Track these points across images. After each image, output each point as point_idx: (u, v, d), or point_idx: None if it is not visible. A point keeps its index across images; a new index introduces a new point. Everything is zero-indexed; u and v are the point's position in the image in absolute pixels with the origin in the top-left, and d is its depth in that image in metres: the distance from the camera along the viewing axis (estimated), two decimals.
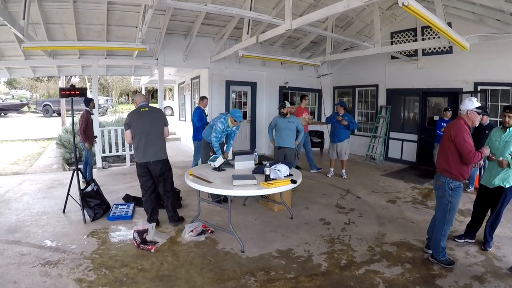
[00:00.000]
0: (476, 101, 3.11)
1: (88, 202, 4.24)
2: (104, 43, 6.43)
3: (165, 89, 23.22)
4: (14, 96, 28.58)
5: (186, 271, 3.04)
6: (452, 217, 3.19)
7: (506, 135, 3.48)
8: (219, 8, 4.92)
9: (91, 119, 5.85)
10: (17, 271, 2.96)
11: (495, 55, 6.24)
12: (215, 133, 4.63)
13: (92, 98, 6.11)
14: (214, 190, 3.54)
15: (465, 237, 3.75)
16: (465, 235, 3.76)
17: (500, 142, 3.49)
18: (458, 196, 3.12)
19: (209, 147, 4.85)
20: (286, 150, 5.48)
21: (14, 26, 4.76)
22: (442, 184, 3.15)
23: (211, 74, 8.15)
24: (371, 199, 5.37)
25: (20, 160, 8.48)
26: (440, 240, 3.18)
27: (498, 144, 3.51)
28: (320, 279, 2.95)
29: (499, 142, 3.50)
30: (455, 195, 3.11)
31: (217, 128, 4.63)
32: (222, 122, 4.66)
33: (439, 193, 3.21)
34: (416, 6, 3.53)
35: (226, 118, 4.68)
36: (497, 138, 3.56)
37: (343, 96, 10.43)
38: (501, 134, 3.54)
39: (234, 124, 4.68)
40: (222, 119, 4.70)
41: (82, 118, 5.63)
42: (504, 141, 3.46)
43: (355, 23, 7.87)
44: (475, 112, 3.08)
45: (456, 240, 3.74)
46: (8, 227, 3.93)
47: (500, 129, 3.59)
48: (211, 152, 4.61)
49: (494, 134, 3.64)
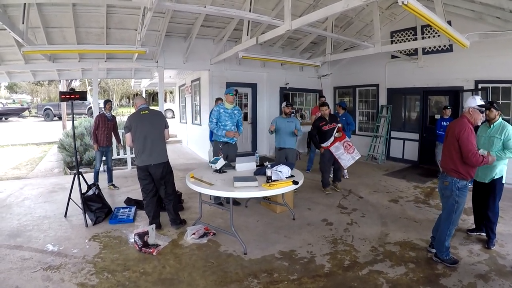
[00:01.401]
0: (479, 99, 3.10)
1: (90, 206, 4.24)
2: (104, 46, 6.43)
3: (166, 91, 23.24)
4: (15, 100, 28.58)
5: (189, 274, 3.03)
6: (457, 217, 3.17)
7: (491, 130, 3.58)
8: (219, 9, 4.92)
9: (105, 121, 5.62)
10: (19, 276, 2.95)
11: (496, 53, 6.22)
12: (210, 117, 4.85)
13: (109, 100, 6.06)
14: (216, 192, 3.53)
15: (478, 231, 3.83)
16: (477, 229, 3.85)
17: (486, 138, 3.59)
18: (464, 196, 3.10)
19: (217, 148, 4.83)
20: (288, 151, 5.45)
21: (13, 30, 4.77)
22: (449, 185, 3.12)
23: (211, 76, 8.14)
24: (374, 199, 5.35)
25: (21, 165, 8.49)
26: (445, 239, 3.16)
27: (483, 140, 3.60)
28: (324, 280, 2.93)
29: (484, 138, 3.61)
30: (462, 195, 3.08)
31: (213, 113, 4.81)
32: (216, 110, 4.82)
33: (446, 193, 3.18)
34: (415, 5, 3.52)
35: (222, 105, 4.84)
36: (482, 133, 3.66)
37: (344, 96, 10.41)
38: (486, 129, 3.63)
39: (230, 101, 4.77)
40: (216, 107, 4.90)
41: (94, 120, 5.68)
42: (489, 136, 3.56)
43: (354, 23, 7.86)
44: (477, 110, 3.07)
45: (469, 233, 3.87)
46: (9, 232, 3.92)
47: (486, 125, 3.65)
48: (220, 153, 4.60)
49: (480, 130, 3.71)
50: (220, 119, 4.75)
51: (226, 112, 4.77)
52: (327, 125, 5.45)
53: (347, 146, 5.48)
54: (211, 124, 4.79)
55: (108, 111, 5.76)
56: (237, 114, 4.89)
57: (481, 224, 3.77)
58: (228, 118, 4.77)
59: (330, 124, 5.45)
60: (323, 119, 5.52)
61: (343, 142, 5.49)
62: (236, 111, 4.88)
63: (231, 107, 4.80)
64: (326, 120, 5.47)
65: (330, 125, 5.44)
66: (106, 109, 5.74)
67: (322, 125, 5.47)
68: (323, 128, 5.46)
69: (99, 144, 5.60)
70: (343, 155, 5.44)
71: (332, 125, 5.43)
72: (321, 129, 5.47)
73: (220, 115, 4.75)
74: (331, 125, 5.43)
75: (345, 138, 5.54)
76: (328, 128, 5.43)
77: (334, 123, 5.44)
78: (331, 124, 5.43)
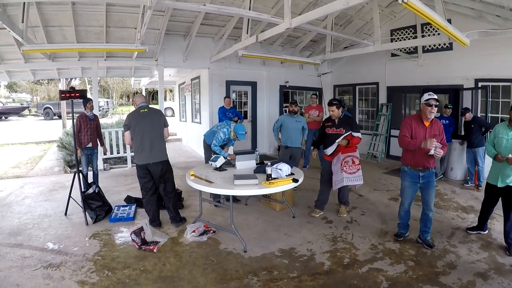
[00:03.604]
0: (427, 95, 3.33)
1: (90, 204, 4.24)
2: (104, 45, 6.43)
3: (166, 90, 23.22)
4: (15, 99, 28.61)
5: (189, 271, 3.04)
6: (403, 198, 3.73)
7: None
8: (218, 8, 4.91)
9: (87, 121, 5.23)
10: (20, 274, 2.96)
11: (496, 51, 6.21)
12: (216, 141, 4.52)
13: (90, 98, 5.43)
14: (216, 190, 3.55)
15: (478, 229, 3.87)
16: (478, 228, 3.88)
17: (508, 140, 3.40)
18: (404, 179, 3.65)
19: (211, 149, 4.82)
20: (294, 150, 5.39)
21: (13, 29, 4.76)
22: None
23: (211, 74, 8.14)
24: (373, 197, 5.36)
25: (21, 163, 8.49)
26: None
27: (506, 142, 3.41)
28: (323, 278, 2.94)
29: (507, 140, 3.41)
30: (402, 178, 3.67)
31: (219, 137, 4.52)
32: (224, 132, 4.55)
33: None
34: (415, 3, 3.51)
35: (229, 130, 4.57)
36: (504, 135, 3.45)
37: (344, 95, 10.41)
38: (508, 131, 3.43)
39: (235, 137, 4.58)
40: (225, 129, 4.58)
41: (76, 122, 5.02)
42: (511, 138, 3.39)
43: (354, 21, 7.85)
44: (424, 104, 3.31)
45: (469, 232, 3.89)
46: (10, 230, 3.93)
47: (507, 126, 3.47)
48: (213, 153, 4.60)
49: (500, 131, 3.51)
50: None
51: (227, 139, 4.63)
52: (333, 128, 4.39)
53: (348, 162, 4.23)
54: (215, 148, 4.52)
55: (90, 111, 5.32)
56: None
57: (484, 222, 3.80)
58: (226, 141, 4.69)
59: (337, 128, 4.35)
60: (330, 119, 4.48)
61: (346, 156, 4.25)
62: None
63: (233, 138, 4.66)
64: (334, 122, 4.40)
65: (336, 130, 4.34)
66: (87, 109, 5.28)
67: (328, 125, 4.49)
68: (327, 129, 4.49)
69: (83, 144, 5.19)
70: (338, 172, 4.24)
71: (339, 130, 4.31)
72: (325, 130, 4.53)
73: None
74: (338, 130, 4.32)
75: (353, 152, 4.29)
76: (333, 132, 4.36)
77: (341, 129, 4.29)
78: (338, 129, 4.32)
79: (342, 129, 4.29)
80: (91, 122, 5.32)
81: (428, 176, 3.48)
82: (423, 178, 3.48)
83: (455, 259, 3.26)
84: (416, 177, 3.50)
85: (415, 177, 3.50)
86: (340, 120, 4.36)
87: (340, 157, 4.25)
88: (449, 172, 6.57)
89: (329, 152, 4.38)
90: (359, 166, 4.25)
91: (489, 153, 3.58)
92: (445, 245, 3.58)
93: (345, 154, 4.25)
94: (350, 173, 4.21)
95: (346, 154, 4.25)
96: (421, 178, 3.48)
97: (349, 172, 4.20)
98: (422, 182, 3.49)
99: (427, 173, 3.46)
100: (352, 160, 4.23)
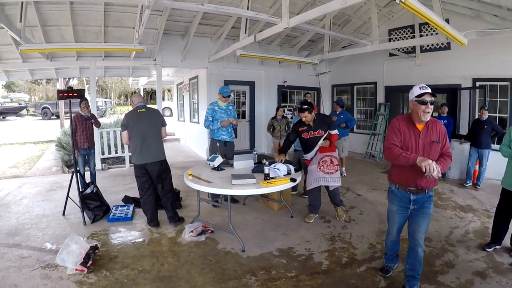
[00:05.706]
0: (419, 88, 2.47)
1: (88, 204, 4.24)
2: (102, 45, 6.42)
3: (164, 89, 23.19)
4: (13, 99, 28.56)
5: (187, 271, 3.04)
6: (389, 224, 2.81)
7: None
8: (216, 7, 4.91)
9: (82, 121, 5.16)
10: (18, 274, 2.95)
11: (493, 51, 6.23)
12: (206, 117, 4.75)
13: (85, 98, 5.17)
14: (214, 190, 3.54)
15: (494, 243, 3.43)
16: (493, 241, 3.44)
17: None
18: (390, 201, 2.74)
19: (215, 147, 4.81)
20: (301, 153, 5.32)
21: (11, 28, 4.75)
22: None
23: (209, 74, 8.13)
24: (372, 196, 5.37)
25: (19, 163, 8.46)
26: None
27: None
28: (321, 277, 2.95)
29: None
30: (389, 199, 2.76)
31: (208, 111, 4.77)
32: (207, 111, 4.78)
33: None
34: (413, 3, 3.52)
35: (212, 106, 4.79)
36: None
37: (342, 94, 10.42)
38: None
39: (224, 101, 4.75)
40: (208, 109, 4.81)
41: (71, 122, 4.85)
42: None
43: (352, 20, 7.85)
44: (416, 102, 2.46)
45: (486, 249, 3.39)
46: (8, 231, 3.92)
47: None
48: (218, 151, 4.60)
49: None
50: (215, 116, 4.74)
51: (221, 109, 4.77)
52: (310, 132, 4.05)
53: (326, 161, 4.00)
54: (206, 122, 4.75)
55: (85, 109, 5.20)
56: (231, 110, 4.89)
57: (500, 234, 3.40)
58: (224, 115, 4.76)
59: (315, 131, 4.03)
60: (303, 124, 4.07)
61: (324, 155, 4.03)
62: (231, 106, 4.90)
63: (225, 105, 4.80)
64: (310, 126, 4.05)
65: (314, 133, 4.03)
66: (82, 109, 5.17)
67: (302, 131, 4.08)
68: (303, 135, 4.08)
69: (80, 145, 5.14)
70: (315, 172, 4.03)
71: (317, 133, 4.03)
72: (301, 135, 4.11)
73: (215, 113, 4.74)
74: (316, 132, 4.03)
75: (332, 151, 4.07)
76: (312, 136, 4.04)
77: (319, 131, 4.02)
78: (316, 132, 4.02)
79: (320, 130, 4.04)
80: (86, 122, 5.24)
81: (422, 201, 2.53)
82: (415, 203, 2.54)
83: (453, 258, 3.27)
84: (405, 200, 2.57)
85: (405, 200, 2.58)
86: (316, 122, 4.06)
87: (318, 156, 4.06)
88: (447, 172, 6.59)
89: (309, 157, 4.16)
90: (337, 167, 4.06)
91: (505, 153, 3.30)
92: (443, 244, 3.58)
93: (324, 153, 4.04)
94: (328, 173, 4.00)
95: (325, 153, 4.04)
96: (412, 203, 2.55)
97: (326, 172, 4.00)
98: (413, 208, 2.56)
99: (421, 197, 2.52)
100: (331, 160, 4.03)
